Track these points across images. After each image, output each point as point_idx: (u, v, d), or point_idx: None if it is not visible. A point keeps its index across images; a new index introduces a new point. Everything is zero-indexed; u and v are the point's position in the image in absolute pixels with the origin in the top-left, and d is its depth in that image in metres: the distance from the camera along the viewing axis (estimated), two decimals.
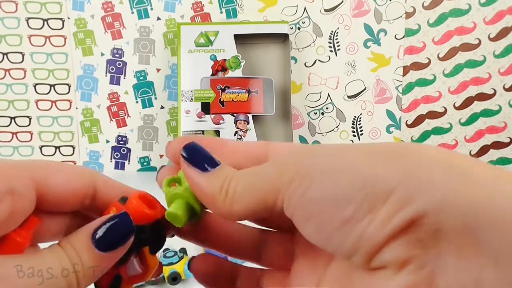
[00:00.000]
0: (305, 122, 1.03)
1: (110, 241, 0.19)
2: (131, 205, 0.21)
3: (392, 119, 1.03)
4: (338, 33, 0.99)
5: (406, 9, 0.98)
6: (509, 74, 1.00)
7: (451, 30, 0.98)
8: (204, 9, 0.99)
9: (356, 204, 0.15)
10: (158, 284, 0.51)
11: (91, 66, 1.01)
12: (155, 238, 0.22)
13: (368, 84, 1.01)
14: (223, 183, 0.19)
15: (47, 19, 0.98)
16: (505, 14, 0.97)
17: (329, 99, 1.02)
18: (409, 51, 1.00)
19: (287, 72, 0.95)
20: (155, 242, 0.22)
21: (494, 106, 1.02)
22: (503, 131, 1.03)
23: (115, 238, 0.19)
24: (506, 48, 0.99)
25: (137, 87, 1.02)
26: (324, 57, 1.00)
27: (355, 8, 0.98)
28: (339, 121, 1.03)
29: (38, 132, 1.03)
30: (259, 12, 0.98)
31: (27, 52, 0.99)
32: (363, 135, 1.03)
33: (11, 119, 1.02)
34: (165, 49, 1.00)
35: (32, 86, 1.01)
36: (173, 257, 0.52)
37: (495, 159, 1.05)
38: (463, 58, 1.00)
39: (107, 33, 0.99)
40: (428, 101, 1.02)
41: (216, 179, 0.19)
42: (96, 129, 1.03)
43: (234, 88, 0.89)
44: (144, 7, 0.98)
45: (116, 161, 1.04)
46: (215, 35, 0.90)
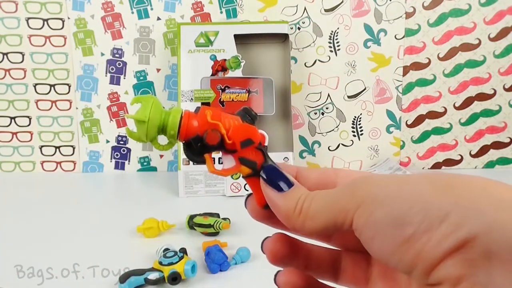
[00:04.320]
0: (305, 122, 1.03)
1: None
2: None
3: (392, 119, 1.03)
4: (338, 33, 0.99)
5: (406, 9, 0.98)
6: (509, 74, 1.00)
7: (451, 30, 0.98)
8: (204, 9, 0.99)
9: (415, 225, 0.17)
10: (158, 284, 0.51)
11: (91, 66, 1.01)
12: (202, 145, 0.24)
13: (368, 84, 1.01)
14: (297, 202, 0.22)
15: (47, 19, 0.98)
16: (505, 14, 0.97)
17: (329, 99, 1.02)
18: (409, 51, 1.00)
19: (287, 72, 0.95)
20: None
21: (494, 106, 1.02)
22: (503, 131, 1.03)
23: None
24: (506, 48, 0.99)
25: (137, 87, 1.02)
26: (324, 57, 1.00)
27: (355, 8, 0.98)
28: (339, 121, 1.03)
29: (38, 132, 1.03)
30: (259, 12, 0.98)
31: (27, 52, 0.99)
32: (363, 135, 1.03)
33: (11, 119, 1.02)
34: (165, 49, 1.00)
35: (32, 86, 1.01)
36: (173, 257, 0.52)
37: (495, 159, 1.05)
38: (463, 58, 1.00)
39: (107, 33, 0.99)
40: (428, 101, 1.02)
41: (291, 198, 0.22)
42: (96, 129, 1.03)
43: (234, 88, 0.89)
44: (144, 7, 0.98)
45: (116, 161, 1.04)
46: (215, 35, 0.90)
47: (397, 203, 0.18)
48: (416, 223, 0.17)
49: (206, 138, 0.24)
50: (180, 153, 0.86)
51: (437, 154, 1.04)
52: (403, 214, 0.18)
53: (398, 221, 0.18)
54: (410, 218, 0.17)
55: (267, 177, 0.23)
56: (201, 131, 0.24)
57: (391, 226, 0.18)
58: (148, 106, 0.24)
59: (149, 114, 0.24)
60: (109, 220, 0.74)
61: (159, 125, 0.24)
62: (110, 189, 0.95)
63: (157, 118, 0.24)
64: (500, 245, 0.15)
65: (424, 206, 0.17)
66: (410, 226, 0.17)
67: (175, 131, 0.24)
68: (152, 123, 0.24)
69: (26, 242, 0.65)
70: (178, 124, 0.24)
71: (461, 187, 0.17)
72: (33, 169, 1.04)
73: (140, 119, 0.24)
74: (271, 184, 0.23)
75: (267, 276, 0.56)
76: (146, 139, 0.24)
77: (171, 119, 0.24)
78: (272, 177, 0.23)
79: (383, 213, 0.18)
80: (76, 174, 1.04)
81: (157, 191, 0.90)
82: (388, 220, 0.18)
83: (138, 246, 0.64)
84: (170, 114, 0.24)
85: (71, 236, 0.68)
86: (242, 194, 0.86)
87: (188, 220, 0.67)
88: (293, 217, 0.22)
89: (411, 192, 0.18)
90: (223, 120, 0.24)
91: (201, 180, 0.85)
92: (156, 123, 0.24)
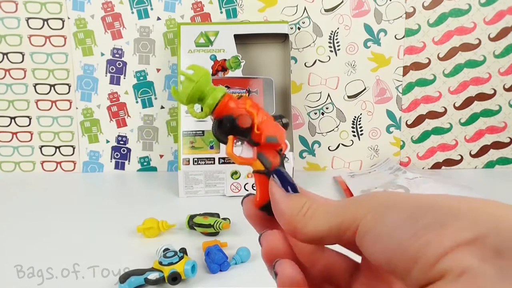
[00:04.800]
0: (305, 122, 1.03)
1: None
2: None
3: (392, 119, 1.03)
4: (338, 33, 0.99)
5: (406, 9, 0.98)
6: (509, 74, 1.00)
7: (451, 30, 0.98)
8: (204, 9, 0.99)
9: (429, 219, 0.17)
10: (158, 284, 0.51)
11: (91, 66, 1.01)
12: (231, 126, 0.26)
13: (368, 84, 1.01)
14: (303, 205, 0.22)
15: (47, 19, 0.98)
16: (505, 14, 0.97)
17: (329, 99, 1.02)
18: (409, 51, 1.00)
19: (287, 72, 0.95)
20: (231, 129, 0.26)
21: (494, 106, 1.02)
22: (503, 131, 1.03)
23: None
24: (506, 48, 0.99)
25: (137, 87, 1.02)
26: (324, 57, 1.00)
27: (355, 8, 0.98)
28: (339, 121, 1.03)
29: (38, 132, 1.03)
30: (259, 12, 0.98)
31: (27, 52, 0.99)
32: (363, 135, 1.03)
33: (11, 119, 1.02)
34: (165, 49, 1.00)
35: (32, 86, 1.01)
36: (173, 257, 0.52)
37: (495, 159, 1.04)
38: (463, 58, 1.00)
39: (107, 33, 0.99)
40: (428, 101, 1.02)
41: (298, 200, 0.22)
42: (96, 129, 1.03)
43: (234, 88, 0.89)
44: (144, 7, 0.98)
45: (116, 161, 1.04)
46: (215, 35, 0.90)
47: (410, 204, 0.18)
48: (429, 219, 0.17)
49: (239, 119, 0.25)
50: (180, 153, 0.86)
51: (437, 154, 1.04)
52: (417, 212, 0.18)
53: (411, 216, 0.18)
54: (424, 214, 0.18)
55: (279, 178, 0.24)
56: (236, 113, 0.25)
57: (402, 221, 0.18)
58: (201, 73, 0.26)
59: (200, 78, 0.26)
60: (109, 220, 0.74)
61: (203, 92, 0.26)
62: (110, 189, 0.95)
63: (205, 84, 0.26)
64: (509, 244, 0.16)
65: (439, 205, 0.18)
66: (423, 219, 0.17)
67: (214, 102, 0.26)
68: (198, 86, 0.26)
69: (26, 242, 0.66)
70: (219, 98, 0.26)
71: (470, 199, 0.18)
72: (33, 169, 1.04)
73: (191, 78, 0.26)
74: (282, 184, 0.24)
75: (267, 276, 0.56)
76: (186, 99, 0.26)
77: (215, 92, 0.26)
78: (283, 179, 0.24)
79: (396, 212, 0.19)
80: (76, 174, 1.04)
81: (157, 191, 0.90)
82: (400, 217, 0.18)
83: (138, 246, 0.64)
84: (215, 89, 0.26)
85: (71, 236, 0.68)
86: (242, 194, 0.86)
87: (188, 220, 0.67)
88: (296, 218, 0.22)
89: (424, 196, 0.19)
90: (259, 112, 0.26)
91: (201, 180, 0.85)
92: (201, 88, 0.26)
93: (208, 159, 0.85)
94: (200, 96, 0.26)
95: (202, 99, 0.26)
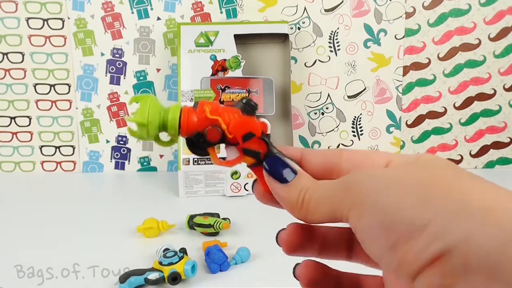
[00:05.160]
0: (305, 122, 1.03)
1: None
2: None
3: (392, 119, 1.03)
4: (338, 33, 0.99)
5: (406, 9, 0.98)
6: (509, 74, 1.00)
7: (451, 30, 0.98)
8: (204, 9, 0.99)
9: (398, 233, 0.18)
10: (158, 284, 0.51)
11: (91, 66, 1.01)
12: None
13: (368, 84, 1.01)
14: (299, 194, 0.22)
15: (47, 19, 0.98)
16: (505, 14, 0.97)
17: (329, 99, 1.02)
18: (409, 51, 1.00)
19: (287, 72, 0.95)
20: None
21: (494, 106, 1.02)
22: (503, 131, 1.03)
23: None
24: (506, 48, 0.99)
25: (137, 87, 1.02)
26: (324, 57, 1.00)
27: (355, 8, 0.98)
28: (339, 121, 1.03)
29: (38, 132, 1.03)
30: (259, 12, 0.98)
31: (27, 52, 0.99)
32: (363, 135, 1.03)
33: (11, 119, 1.02)
34: (165, 49, 1.00)
35: (32, 86, 1.01)
36: (173, 257, 0.52)
37: (495, 159, 1.04)
38: (463, 58, 1.00)
39: (107, 33, 0.99)
40: (428, 101, 1.02)
41: (293, 189, 0.23)
42: (96, 129, 1.03)
43: (234, 88, 0.89)
44: (144, 7, 0.98)
45: (116, 161, 1.04)
46: (215, 35, 0.90)
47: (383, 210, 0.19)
48: (400, 231, 0.18)
49: (207, 135, 0.24)
50: (180, 153, 0.86)
51: (437, 154, 1.04)
52: (388, 221, 0.18)
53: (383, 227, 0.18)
54: (394, 226, 0.18)
55: (270, 169, 0.24)
56: (202, 127, 0.24)
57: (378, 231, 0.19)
58: (146, 107, 0.24)
59: (148, 116, 0.24)
60: (109, 220, 0.74)
61: (159, 125, 0.24)
62: (110, 189, 0.95)
63: (156, 118, 0.24)
64: (477, 258, 0.16)
65: (406, 214, 0.18)
66: (394, 233, 0.18)
67: (176, 130, 0.24)
68: (152, 124, 0.24)
69: (26, 242, 0.66)
70: (177, 122, 0.24)
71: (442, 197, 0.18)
72: (33, 169, 1.04)
73: (139, 122, 0.24)
74: (274, 176, 0.23)
75: (267, 276, 0.56)
76: (148, 138, 0.25)
77: (170, 117, 0.24)
78: (274, 168, 0.24)
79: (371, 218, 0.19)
80: (76, 174, 1.04)
81: (157, 191, 0.90)
82: (375, 226, 0.19)
83: (138, 246, 0.64)
84: (169, 112, 0.24)
85: (71, 236, 0.68)
86: (242, 194, 0.86)
87: (188, 220, 0.67)
88: (296, 209, 0.22)
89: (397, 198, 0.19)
90: (223, 114, 0.24)
91: (201, 180, 0.85)
92: (156, 124, 0.24)
93: (208, 159, 0.85)
94: (159, 129, 0.24)
95: (162, 128, 0.25)
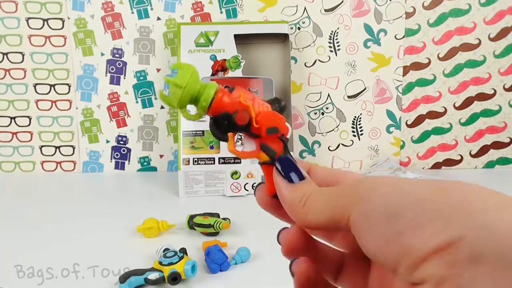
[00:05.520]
0: (305, 122, 1.03)
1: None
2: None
3: (392, 119, 1.03)
4: (338, 33, 0.99)
5: (406, 9, 0.98)
6: (509, 74, 1.00)
7: (451, 30, 0.98)
8: (204, 9, 0.99)
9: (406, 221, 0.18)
10: (158, 284, 0.51)
11: (91, 66, 1.01)
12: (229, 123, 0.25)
13: (368, 84, 1.01)
14: (303, 196, 0.23)
15: (47, 19, 0.98)
16: (505, 14, 0.97)
17: (329, 99, 1.02)
18: (409, 51, 1.00)
19: (287, 72, 0.95)
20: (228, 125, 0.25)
21: (494, 106, 1.02)
22: (503, 131, 1.03)
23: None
24: (506, 48, 0.99)
25: (137, 87, 1.02)
26: (324, 57, 1.00)
27: (355, 8, 0.98)
28: (339, 121, 1.03)
29: (38, 132, 1.03)
30: (259, 12, 0.98)
31: (27, 52, 0.99)
32: (363, 135, 1.03)
33: (11, 119, 1.02)
34: (165, 49, 1.00)
35: (32, 86, 1.01)
36: (173, 257, 0.52)
37: (495, 159, 1.04)
38: (463, 58, 1.00)
39: (107, 33, 0.99)
40: (428, 101, 1.02)
41: (298, 191, 0.23)
42: (96, 129, 1.03)
43: None
44: (144, 7, 0.98)
45: (116, 161, 1.04)
46: (215, 35, 0.90)
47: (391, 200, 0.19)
48: (407, 219, 0.18)
49: (236, 117, 0.24)
50: (180, 153, 0.86)
51: (437, 154, 1.04)
52: (396, 210, 0.18)
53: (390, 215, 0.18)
54: (402, 214, 0.18)
55: (281, 167, 0.24)
56: (232, 110, 0.24)
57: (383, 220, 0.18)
58: (187, 74, 0.24)
59: (187, 81, 0.24)
60: (109, 220, 0.74)
61: (194, 94, 0.25)
62: (110, 189, 0.95)
63: (194, 86, 0.24)
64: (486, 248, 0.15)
65: (416, 203, 0.18)
66: (401, 221, 0.18)
67: (207, 103, 0.24)
68: (188, 90, 0.24)
69: (26, 242, 0.66)
70: (211, 97, 0.24)
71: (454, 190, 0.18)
72: (33, 169, 1.04)
73: (178, 83, 0.24)
74: (283, 174, 0.24)
75: (267, 276, 0.56)
76: (177, 105, 0.25)
77: (206, 91, 0.25)
78: (286, 167, 0.24)
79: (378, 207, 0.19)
80: (76, 174, 1.04)
81: (157, 191, 0.90)
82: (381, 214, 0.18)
83: (138, 246, 0.64)
84: (206, 87, 0.25)
85: (71, 236, 0.68)
86: (242, 194, 0.86)
87: (188, 220, 0.67)
88: (297, 209, 0.23)
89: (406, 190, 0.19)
90: (254, 104, 0.25)
91: (201, 180, 0.85)
92: (191, 91, 0.24)
93: (208, 159, 0.85)
94: (191, 99, 0.25)
95: (194, 100, 0.25)
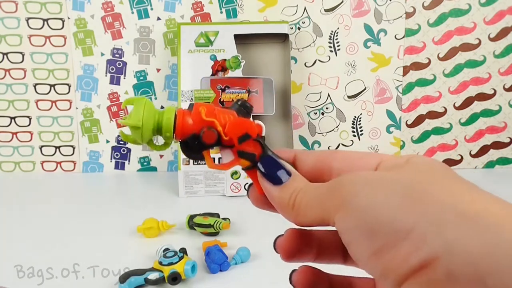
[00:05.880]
0: (305, 122, 1.03)
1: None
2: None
3: (392, 119, 1.03)
4: (338, 33, 0.99)
5: (406, 9, 0.98)
6: (509, 74, 1.00)
7: (451, 30, 0.98)
8: (204, 9, 0.99)
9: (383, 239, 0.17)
10: (158, 284, 0.51)
11: (91, 66, 1.01)
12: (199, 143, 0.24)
13: (368, 84, 1.01)
14: (291, 195, 0.22)
15: (47, 19, 0.98)
16: (505, 14, 0.97)
17: (329, 99, 1.02)
18: (409, 51, 1.00)
19: (287, 72, 0.95)
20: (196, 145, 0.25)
21: (494, 106, 1.02)
22: (503, 131, 1.03)
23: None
24: (506, 48, 0.99)
25: (137, 87, 1.02)
26: (324, 57, 1.00)
27: (355, 8, 0.98)
28: (339, 121, 1.03)
29: (38, 132, 1.03)
30: (259, 12, 0.98)
31: (27, 52, 0.99)
32: (363, 135, 1.03)
33: (11, 119, 1.02)
34: (165, 49, 1.00)
35: (32, 86, 1.01)
36: (173, 257, 0.52)
37: (495, 159, 1.04)
38: (463, 58, 1.00)
39: (107, 33, 0.99)
40: (428, 101, 1.02)
41: (286, 191, 0.23)
42: (96, 129, 1.03)
43: (234, 88, 0.89)
44: (144, 7, 0.98)
45: (116, 161, 1.04)
46: (215, 35, 0.90)
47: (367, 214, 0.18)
48: (383, 237, 0.17)
49: (203, 137, 0.24)
50: (180, 153, 0.86)
51: (437, 154, 1.04)
52: (372, 226, 0.18)
53: (368, 232, 0.18)
54: (378, 231, 0.18)
55: (264, 170, 0.24)
56: (197, 130, 0.24)
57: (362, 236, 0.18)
58: (140, 109, 0.24)
59: (142, 118, 0.23)
60: (109, 220, 0.74)
61: (154, 128, 0.24)
62: (110, 189, 0.95)
63: (151, 121, 0.24)
64: (461, 268, 0.15)
65: (390, 219, 0.17)
66: (378, 238, 0.17)
67: (171, 133, 0.24)
68: (146, 127, 0.24)
69: (26, 242, 0.66)
70: (172, 125, 0.24)
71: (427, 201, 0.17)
72: (33, 169, 1.04)
73: (133, 124, 0.23)
74: (268, 177, 0.23)
75: (267, 276, 0.56)
76: (141, 141, 0.24)
77: (165, 120, 0.24)
78: (269, 169, 0.24)
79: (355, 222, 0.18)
80: (76, 174, 1.04)
81: (157, 191, 0.90)
82: (359, 230, 0.18)
83: (138, 246, 0.64)
84: (163, 115, 0.24)
85: (71, 236, 0.68)
86: (242, 194, 0.86)
87: (188, 220, 0.67)
88: (287, 210, 0.22)
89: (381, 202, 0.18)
90: (218, 116, 0.24)
91: (201, 180, 0.85)
92: (150, 127, 0.24)
93: None
94: (153, 131, 0.24)
95: (157, 131, 0.24)
